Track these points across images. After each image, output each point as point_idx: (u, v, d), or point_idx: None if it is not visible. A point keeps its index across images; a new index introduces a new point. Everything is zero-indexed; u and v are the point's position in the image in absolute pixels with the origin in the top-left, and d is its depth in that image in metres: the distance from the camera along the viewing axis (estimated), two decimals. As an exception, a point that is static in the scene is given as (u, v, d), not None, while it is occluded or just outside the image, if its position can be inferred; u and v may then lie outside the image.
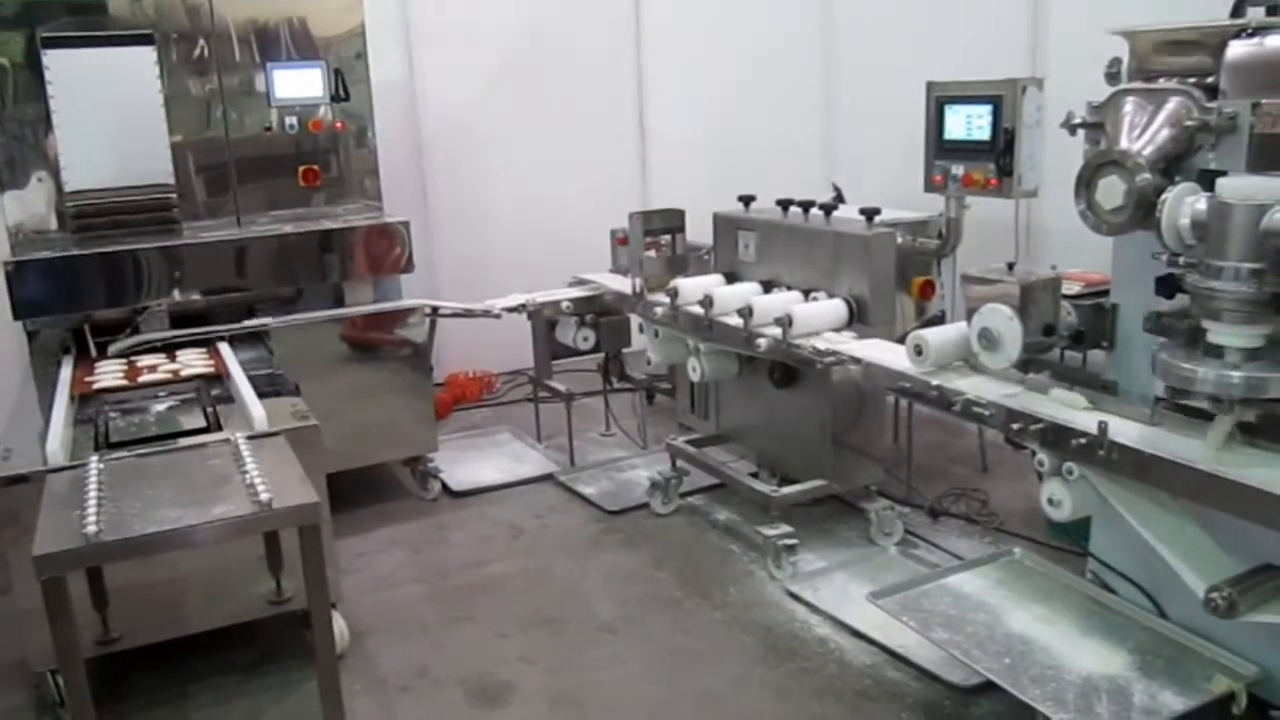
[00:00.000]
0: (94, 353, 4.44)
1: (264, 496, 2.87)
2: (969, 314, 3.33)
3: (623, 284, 5.22)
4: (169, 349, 4.49)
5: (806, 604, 4.08)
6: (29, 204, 4.70)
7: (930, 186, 4.09)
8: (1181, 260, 2.67)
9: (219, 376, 4.14)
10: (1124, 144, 2.88)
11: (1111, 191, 2.86)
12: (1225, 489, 2.57)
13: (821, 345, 3.99)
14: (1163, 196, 2.70)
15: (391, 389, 5.11)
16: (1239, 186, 2.50)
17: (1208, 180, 2.67)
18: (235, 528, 2.85)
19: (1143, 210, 2.80)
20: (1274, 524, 2.50)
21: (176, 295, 4.69)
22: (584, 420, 6.07)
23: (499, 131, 6.98)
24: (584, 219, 6.31)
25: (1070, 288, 3.45)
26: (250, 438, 3.38)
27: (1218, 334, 2.58)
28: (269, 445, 3.37)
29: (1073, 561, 3.97)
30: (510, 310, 5.32)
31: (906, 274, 4.53)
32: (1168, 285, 2.79)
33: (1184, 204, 2.64)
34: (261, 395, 3.78)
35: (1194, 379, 2.59)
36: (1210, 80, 2.97)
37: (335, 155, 5.24)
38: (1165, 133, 2.85)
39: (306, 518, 2.93)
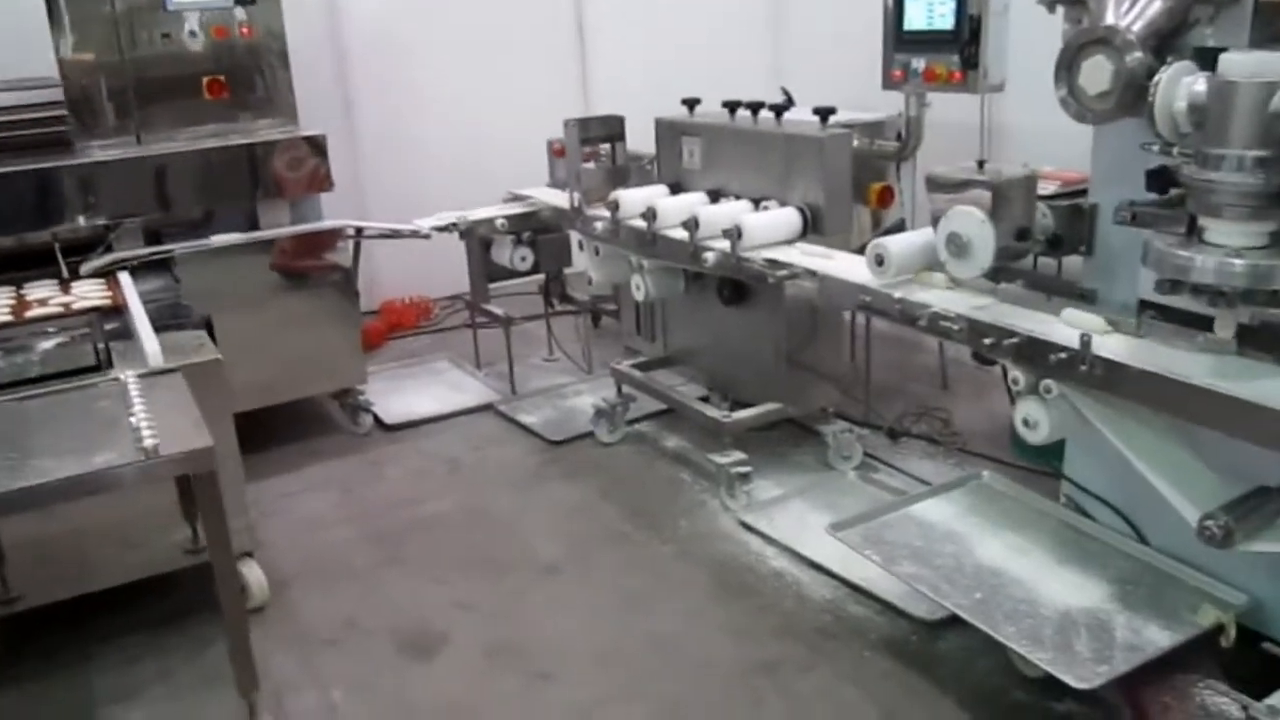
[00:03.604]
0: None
1: (149, 443, 2.57)
2: (934, 219, 3.03)
3: (561, 199, 4.87)
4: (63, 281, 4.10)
5: (761, 535, 3.84)
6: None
7: (888, 83, 3.78)
8: (1175, 150, 2.38)
9: (118, 309, 3.76)
10: (1110, 19, 2.54)
11: (1097, 74, 2.54)
12: (1222, 405, 2.32)
13: (774, 258, 3.68)
14: (1155, 78, 2.39)
15: (315, 318, 4.76)
16: (1245, 63, 2.19)
17: (1205, 59, 2.37)
18: (116, 479, 2.54)
19: (1132, 94, 2.48)
20: (1275, 443, 2.26)
21: (81, 221, 4.29)
22: (526, 345, 5.77)
23: (428, 39, 6.55)
24: (522, 130, 5.90)
25: (1045, 188, 3.15)
26: (142, 376, 3.06)
27: (1217, 232, 2.30)
28: (163, 384, 3.05)
29: (1043, 483, 3.74)
30: (440, 230, 4.96)
31: (862, 180, 4.22)
32: (1160, 179, 2.49)
33: (1180, 85, 2.34)
34: (163, 329, 3.45)
35: (1191, 267, 2.31)
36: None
37: (244, 65, 4.79)
38: (1157, 5, 2.50)
39: (199, 464, 2.63)
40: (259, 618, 3.52)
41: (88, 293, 3.95)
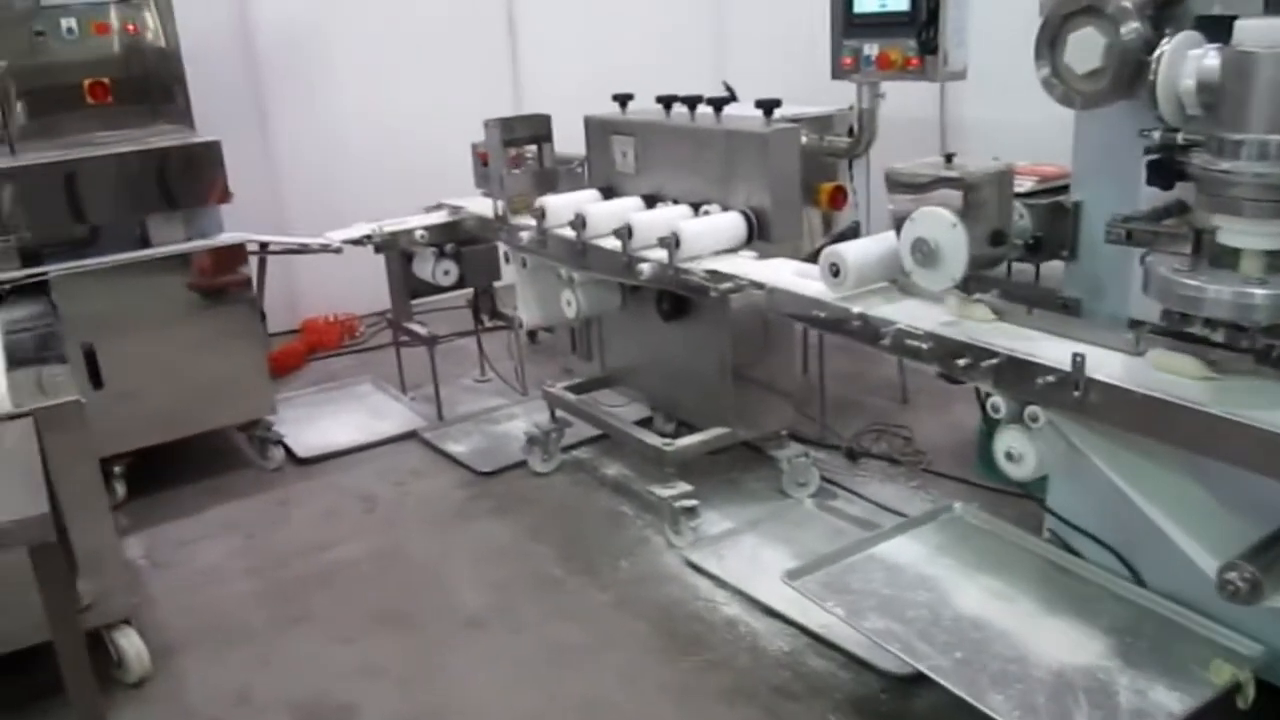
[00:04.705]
0: None
1: (-40, 512, 2.11)
2: (896, 223, 2.65)
3: (486, 207, 4.46)
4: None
5: (711, 577, 3.45)
6: None
7: (838, 71, 3.39)
8: (1181, 137, 2.02)
9: (-24, 341, 3.30)
10: (1100, -15, 2.19)
11: (1087, 49, 2.17)
12: (1240, 435, 1.95)
13: (716, 269, 3.30)
14: (1156, 52, 2.02)
15: (216, 343, 4.30)
16: (1267, 30, 1.83)
17: (1211, 28, 2.02)
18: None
19: (1129, 71, 2.13)
20: (1310, 481, 1.91)
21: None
22: (456, 365, 5.37)
23: (348, 39, 6.12)
24: (451, 135, 5.45)
25: (1020, 184, 2.77)
26: (-20, 422, 2.60)
27: (1235, 233, 1.94)
28: (9, 432, 2.60)
29: (1018, 505, 3.41)
30: (353, 243, 4.53)
31: (812, 180, 3.85)
32: (1165, 171, 2.12)
33: (1187, 60, 1.97)
34: (26, 363, 3.03)
35: (1203, 300, 1.95)
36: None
37: (130, 67, 4.35)
38: (1154, -33, 2.16)
39: (28, 536, 2.18)
40: (139, 693, 3.09)
41: (-58, 323, 3.48)
